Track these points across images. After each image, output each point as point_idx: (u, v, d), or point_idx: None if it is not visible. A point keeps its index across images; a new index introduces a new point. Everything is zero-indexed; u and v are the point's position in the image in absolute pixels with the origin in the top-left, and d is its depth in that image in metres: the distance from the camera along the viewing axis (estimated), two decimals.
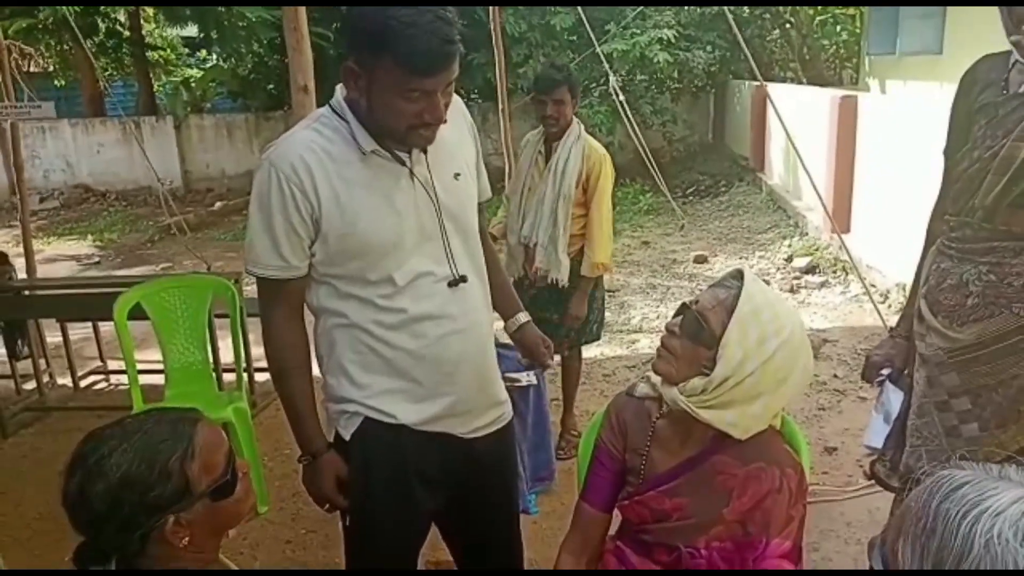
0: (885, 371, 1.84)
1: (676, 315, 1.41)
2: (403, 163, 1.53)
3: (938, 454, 1.62)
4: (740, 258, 6.86)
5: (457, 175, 1.61)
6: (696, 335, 1.34)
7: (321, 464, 1.63)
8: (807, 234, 7.11)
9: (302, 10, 3.12)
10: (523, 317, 1.90)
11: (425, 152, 1.54)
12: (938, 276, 1.66)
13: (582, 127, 3.24)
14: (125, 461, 1.15)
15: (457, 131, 1.64)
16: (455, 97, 1.55)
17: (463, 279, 1.58)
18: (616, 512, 1.57)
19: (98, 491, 1.14)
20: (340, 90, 1.54)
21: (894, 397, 1.78)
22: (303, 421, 1.64)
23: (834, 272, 6.00)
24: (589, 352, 4.68)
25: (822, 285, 5.83)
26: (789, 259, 6.52)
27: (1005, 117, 1.52)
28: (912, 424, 1.70)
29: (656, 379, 1.43)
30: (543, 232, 3.17)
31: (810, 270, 6.13)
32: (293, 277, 1.56)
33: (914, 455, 1.68)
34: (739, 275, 1.37)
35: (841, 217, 6.24)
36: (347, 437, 1.63)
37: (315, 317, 1.65)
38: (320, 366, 1.67)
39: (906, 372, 1.82)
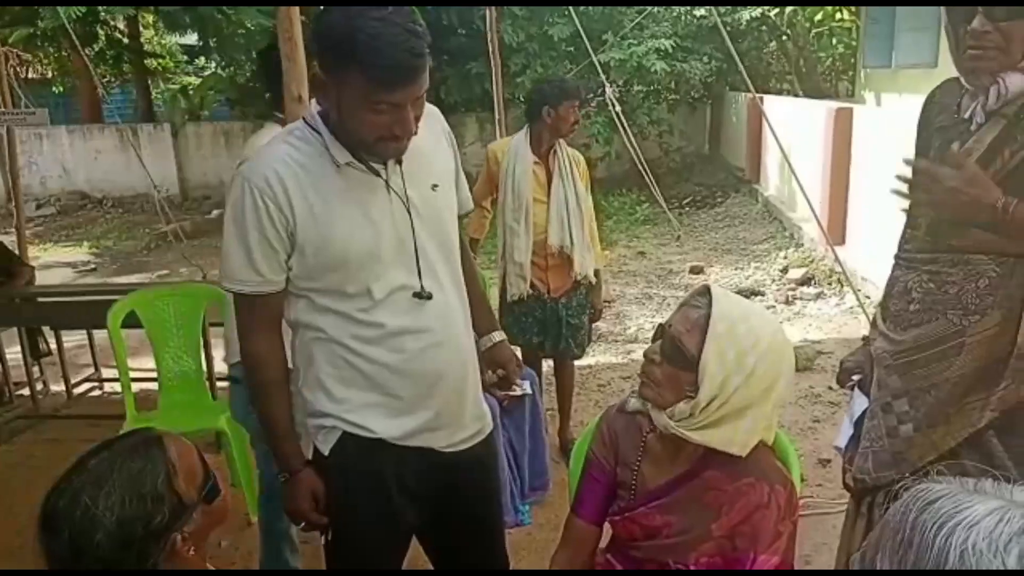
0: (856, 376, 1.90)
1: (654, 338, 1.40)
2: (378, 175, 1.51)
3: (881, 454, 1.68)
4: (736, 269, 6.87)
5: (435, 186, 1.60)
6: (675, 360, 1.34)
7: (298, 482, 1.62)
8: (803, 245, 7.13)
9: (296, 19, 3.13)
10: (497, 336, 1.88)
11: (400, 163, 1.52)
12: (889, 284, 1.74)
13: None
14: (116, 503, 1.14)
15: (434, 141, 1.62)
16: (432, 108, 1.53)
17: (429, 296, 1.56)
18: (607, 526, 1.56)
19: (99, 541, 1.13)
20: (314, 103, 1.53)
21: (859, 402, 1.84)
22: (281, 438, 1.62)
23: (829, 284, 6.01)
24: (584, 362, 4.69)
25: (817, 296, 5.84)
26: (784, 270, 6.53)
27: (953, 142, 1.58)
28: (865, 426, 1.76)
29: (646, 403, 1.42)
30: (576, 237, 3.27)
31: (805, 281, 6.14)
32: (270, 292, 1.54)
33: (863, 456, 1.74)
34: (707, 291, 1.36)
35: (836, 229, 6.26)
36: (325, 452, 1.61)
37: (292, 331, 1.63)
38: (297, 380, 1.65)
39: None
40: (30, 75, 14.61)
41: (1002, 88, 1.47)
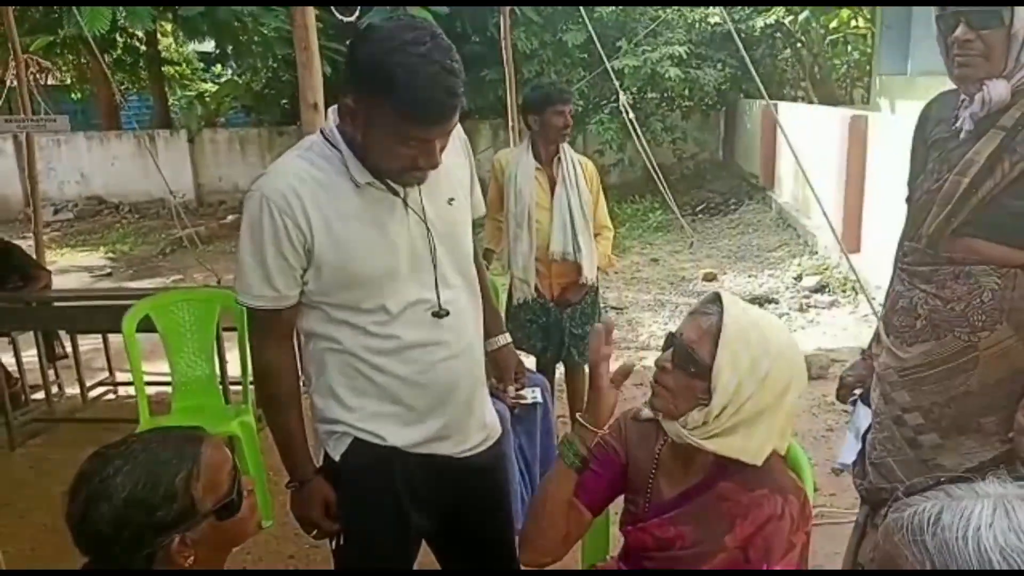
0: (857, 391, 1.91)
1: (664, 347, 1.40)
2: (397, 193, 1.51)
3: (911, 463, 1.68)
4: (749, 276, 6.84)
5: (451, 200, 1.60)
6: (687, 368, 1.33)
7: (309, 490, 1.63)
8: (817, 253, 7.09)
9: (312, 27, 3.16)
10: (501, 340, 1.90)
11: None
12: (892, 299, 1.75)
13: None
14: (130, 481, 1.15)
15: (452, 154, 1.61)
16: None
17: (447, 313, 1.57)
18: (618, 535, 1.55)
19: (103, 512, 1.14)
20: (332, 116, 1.52)
21: (863, 415, 1.84)
22: (292, 448, 1.63)
23: (843, 292, 5.97)
24: None
25: (831, 304, 5.80)
26: (799, 278, 6.49)
27: (951, 152, 1.60)
28: (873, 438, 1.76)
29: (656, 413, 1.41)
30: (582, 243, 3.25)
31: (819, 289, 6.11)
32: (285, 307, 1.54)
33: (884, 467, 1.73)
34: (717, 299, 1.36)
35: (851, 237, 6.22)
36: (336, 458, 1.62)
37: (304, 339, 1.64)
38: (308, 386, 1.66)
39: None
40: (49, 81, 14.78)
41: (986, 95, 1.50)
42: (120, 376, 4.69)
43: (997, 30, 1.47)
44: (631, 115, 7.41)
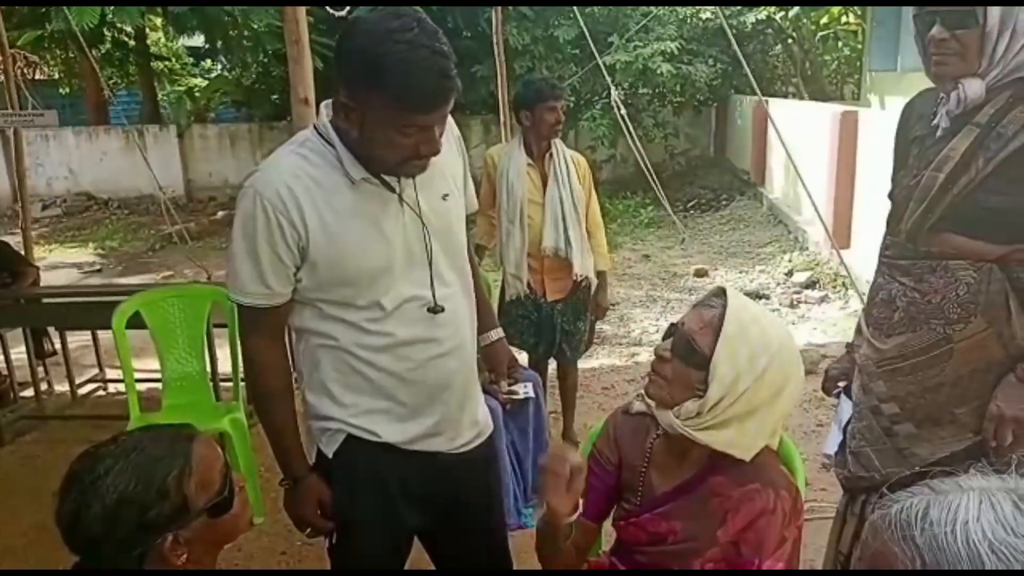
0: (842, 383, 1.94)
1: (665, 337, 1.40)
2: (392, 189, 1.51)
3: (886, 452, 1.72)
4: (740, 272, 6.86)
5: (445, 196, 1.60)
6: (686, 358, 1.34)
7: (303, 488, 1.62)
8: (807, 249, 7.12)
9: (303, 22, 3.14)
10: (495, 335, 1.91)
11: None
12: (873, 291, 1.78)
13: None
14: (122, 481, 1.14)
15: (446, 148, 1.60)
16: None
17: (442, 309, 1.56)
18: (611, 530, 1.56)
19: (94, 512, 1.12)
20: (325, 111, 1.51)
21: (846, 407, 1.88)
22: (285, 445, 1.62)
23: (834, 287, 6.00)
24: (588, 364, 4.69)
25: (822, 300, 5.82)
26: (789, 274, 6.52)
27: (928, 149, 1.64)
28: (853, 427, 1.80)
29: (650, 402, 1.42)
30: (574, 239, 3.25)
31: (810, 285, 6.13)
32: (278, 304, 1.54)
33: (862, 456, 1.77)
34: (722, 292, 1.37)
35: (841, 232, 6.25)
36: (329, 454, 1.62)
37: (296, 336, 1.63)
38: (301, 383, 1.66)
39: None
40: (37, 76, 14.65)
41: (961, 93, 1.54)
42: (110, 373, 4.66)
43: (971, 30, 1.50)
44: (623, 111, 7.40)
